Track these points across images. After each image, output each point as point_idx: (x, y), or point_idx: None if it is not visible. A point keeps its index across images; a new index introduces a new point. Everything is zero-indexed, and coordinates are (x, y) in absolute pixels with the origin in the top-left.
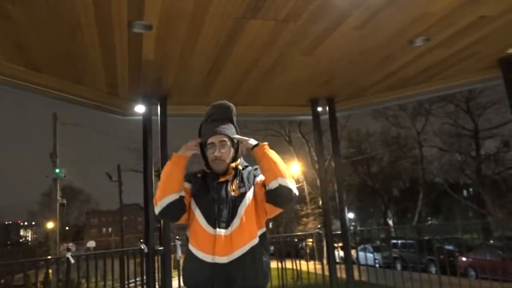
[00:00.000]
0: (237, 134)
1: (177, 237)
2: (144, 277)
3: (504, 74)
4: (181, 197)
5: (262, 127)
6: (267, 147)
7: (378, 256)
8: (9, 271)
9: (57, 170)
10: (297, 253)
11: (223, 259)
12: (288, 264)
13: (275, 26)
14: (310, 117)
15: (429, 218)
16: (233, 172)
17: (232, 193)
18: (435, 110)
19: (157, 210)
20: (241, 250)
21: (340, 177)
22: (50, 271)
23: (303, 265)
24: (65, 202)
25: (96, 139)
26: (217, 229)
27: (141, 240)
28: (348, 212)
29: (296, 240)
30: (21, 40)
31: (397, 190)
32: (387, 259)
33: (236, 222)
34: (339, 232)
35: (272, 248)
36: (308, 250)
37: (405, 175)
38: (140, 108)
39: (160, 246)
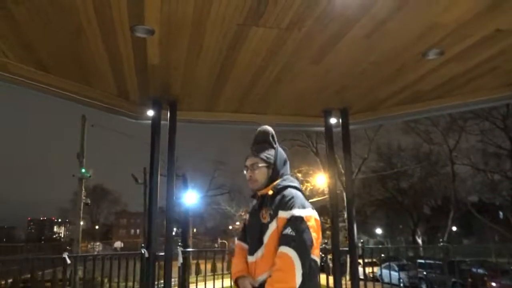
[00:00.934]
0: (277, 154)
1: (179, 243)
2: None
3: None
4: None
5: (289, 137)
6: None
7: (403, 275)
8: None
9: (83, 170)
10: (322, 268)
11: (254, 282)
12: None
13: (278, 34)
14: (323, 129)
15: (441, 240)
16: (260, 199)
17: (263, 220)
18: (469, 126)
19: None
20: (262, 277)
21: (351, 191)
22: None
23: (323, 279)
24: (89, 201)
25: (125, 141)
26: (249, 256)
27: (143, 245)
28: (376, 228)
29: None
30: (29, 40)
31: (427, 208)
32: (412, 279)
33: (261, 250)
34: (347, 249)
35: None
36: (331, 265)
37: (437, 193)
38: (151, 112)
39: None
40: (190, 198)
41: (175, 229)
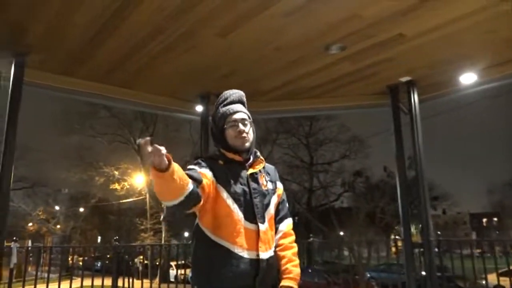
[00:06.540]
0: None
1: (14, 238)
2: None
3: (392, 102)
4: (188, 196)
5: (111, 131)
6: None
7: None
8: None
9: None
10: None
11: (265, 254)
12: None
13: None
14: (197, 118)
15: None
16: (261, 164)
17: (263, 187)
18: (280, 140)
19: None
20: (273, 245)
21: None
22: None
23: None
24: None
25: None
26: (260, 224)
27: None
28: None
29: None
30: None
31: None
32: None
33: (267, 217)
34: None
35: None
36: (140, 268)
37: None
38: None
39: None
40: None
41: None
